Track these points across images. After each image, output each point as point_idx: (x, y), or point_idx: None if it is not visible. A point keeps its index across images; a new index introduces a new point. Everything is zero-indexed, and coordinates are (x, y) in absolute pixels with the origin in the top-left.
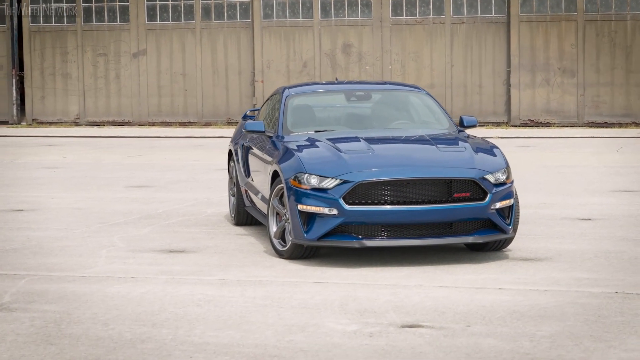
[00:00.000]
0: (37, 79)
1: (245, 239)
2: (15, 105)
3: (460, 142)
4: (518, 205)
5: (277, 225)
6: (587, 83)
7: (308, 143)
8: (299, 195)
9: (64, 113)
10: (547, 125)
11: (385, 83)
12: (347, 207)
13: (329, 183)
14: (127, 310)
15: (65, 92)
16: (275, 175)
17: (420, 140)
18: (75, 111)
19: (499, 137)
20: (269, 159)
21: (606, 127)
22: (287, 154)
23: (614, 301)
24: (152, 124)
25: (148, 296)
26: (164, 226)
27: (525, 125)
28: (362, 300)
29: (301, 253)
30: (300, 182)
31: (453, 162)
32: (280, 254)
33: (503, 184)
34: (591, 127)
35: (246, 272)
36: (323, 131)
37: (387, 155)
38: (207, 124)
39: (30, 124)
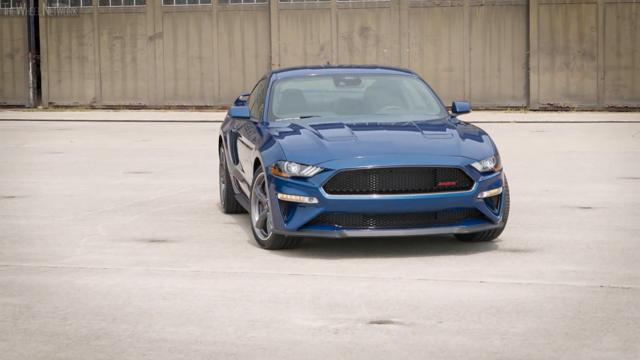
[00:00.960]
0: (54, 62)
1: (231, 228)
2: (31, 89)
3: (447, 129)
4: (508, 194)
5: (259, 214)
6: (608, 66)
7: (290, 129)
8: (279, 184)
9: (80, 97)
10: (567, 109)
11: (375, 67)
12: (327, 196)
13: (309, 171)
14: (91, 304)
15: (82, 76)
16: (257, 163)
17: (406, 126)
18: (91, 95)
19: (515, 122)
20: (253, 145)
21: (627, 111)
22: (269, 140)
23: (597, 296)
24: (169, 107)
25: (115, 289)
26: (153, 214)
27: (545, 109)
28: (335, 294)
29: (282, 243)
30: (280, 170)
31: (438, 150)
32: (261, 244)
33: (491, 172)
34: (611, 111)
35: (223, 263)
36: (309, 117)
37: (370, 142)
38: (224, 108)
39: (46, 108)
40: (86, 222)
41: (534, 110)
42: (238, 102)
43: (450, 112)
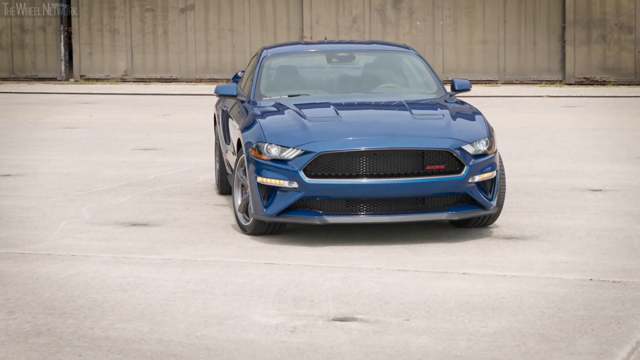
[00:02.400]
0: (85, 35)
1: (220, 211)
2: (63, 62)
3: (439, 109)
4: (504, 178)
5: (241, 198)
6: None
7: (274, 109)
8: (259, 167)
9: (112, 69)
10: (603, 83)
11: (372, 43)
12: (307, 180)
13: (289, 153)
14: (44, 295)
15: (113, 48)
16: (240, 144)
17: (395, 106)
18: (122, 67)
19: (548, 96)
20: (238, 125)
21: None
22: (251, 120)
23: (583, 291)
24: (200, 80)
25: (75, 279)
26: (145, 194)
27: (581, 83)
28: (304, 286)
29: (264, 229)
30: (260, 152)
31: (427, 131)
32: (243, 229)
33: (484, 154)
34: None
35: (198, 250)
36: (297, 96)
37: (354, 123)
38: None
39: (77, 81)
40: (74, 203)
41: (570, 84)
42: (236, 78)
43: (451, 89)
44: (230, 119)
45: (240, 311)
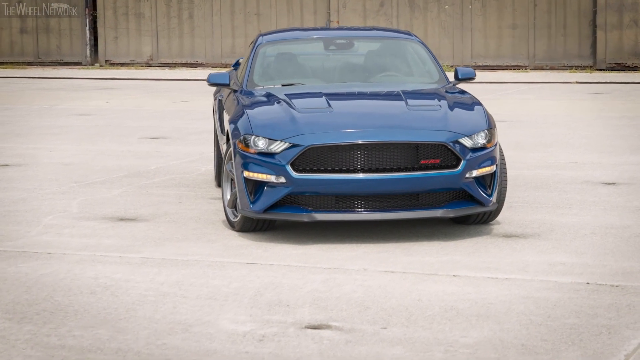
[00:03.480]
0: (110, 19)
1: (214, 205)
2: (88, 46)
3: (437, 99)
4: (505, 172)
5: (231, 192)
6: None
7: (264, 99)
8: (245, 160)
9: (137, 54)
10: (635, 69)
11: (373, 29)
12: (295, 175)
13: (276, 147)
14: (8, 298)
15: (138, 33)
16: (229, 136)
17: (391, 96)
18: (148, 52)
19: (577, 82)
20: (227, 116)
21: None
22: (239, 111)
23: (577, 296)
24: (225, 65)
25: (45, 279)
26: (141, 187)
27: (612, 69)
28: (283, 289)
29: (252, 225)
30: (247, 145)
31: (422, 123)
32: (232, 226)
33: (482, 148)
34: None
35: (181, 248)
36: (291, 85)
37: (346, 115)
38: None
39: (102, 66)
40: (65, 195)
41: (601, 70)
42: (237, 64)
43: (454, 78)
44: (224, 110)
45: (209, 317)
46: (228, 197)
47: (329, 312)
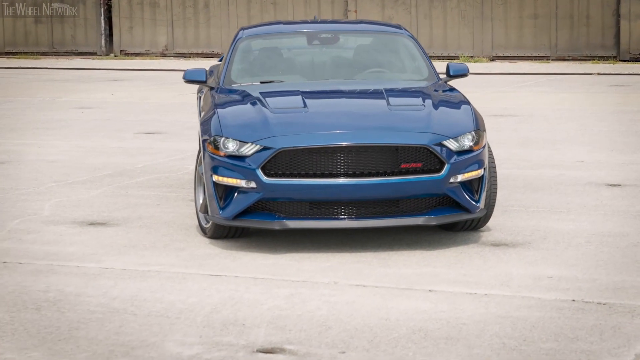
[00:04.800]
0: (125, 8)
1: (192, 209)
2: (103, 36)
3: (422, 98)
4: (494, 176)
5: (203, 196)
6: None
7: (237, 98)
8: (215, 164)
9: (152, 44)
10: None
11: (360, 22)
12: (266, 179)
13: (247, 149)
14: None
15: (153, 22)
16: (200, 137)
17: (372, 94)
18: (163, 42)
19: (598, 74)
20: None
21: None
22: (210, 111)
23: (560, 315)
24: None
25: None
26: (122, 187)
27: (636, 59)
28: (242, 305)
29: (225, 232)
30: (217, 147)
31: (403, 125)
32: (204, 232)
33: (469, 151)
34: None
35: (145, 257)
36: (270, 82)
37: (322, 115)
38: None
39: (117, 56)
40: (41, 196)
41: (624, 61)
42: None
43: (445, 75)
44: (201, 109)
45: (156, 338)
46: (200, 201)
47: (287, 333)
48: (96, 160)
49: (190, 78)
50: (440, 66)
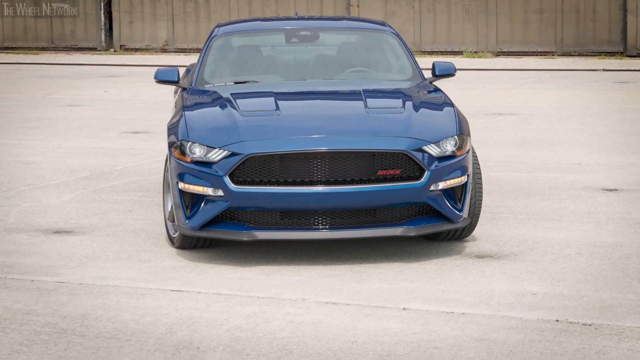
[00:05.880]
0: (125, 3)
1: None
2: (103, 31)
3: (402, 100)
4: (480, 183)
5: (171, 204)
6: None
7: (207, 100)
8: (181, 170)
9: (153, 39)
10: None
11: (342, 19)
12: (233, 187)
13: (214, 155)
14: None
15: (154, 17)
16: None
17: (350, 96)
18: (163, 37)
19: (604, 70)
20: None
21: None
22: (178, 114)
23: (541, 338)
24: None
25: None
26: (96, 191)
27: None
28: (200, 326)
29: (193, 242)
30: (183, 153)
31: (380, 128)
32: (171, 242)
33: (451, 156)
34: None
35: (105, 269)
36: (245, 83)
37: (294, 118)
38: None
39: (116, 51)
40: (9, 201)
41: (631, 57)
42: None
43: (431, 75)
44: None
45: None
46: (169, 209)
47: (243, 358)
48: (75, 161)
49: (161, 78)
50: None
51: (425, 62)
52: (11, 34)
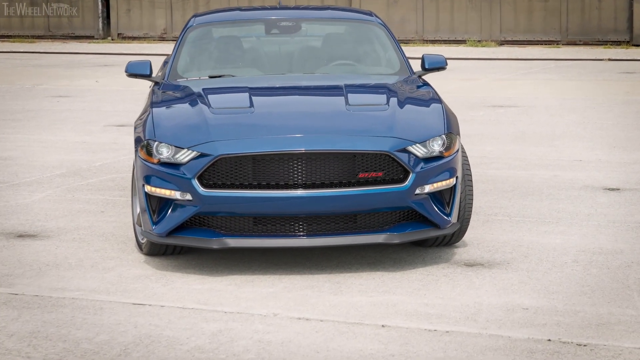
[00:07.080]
0: None
1: None
2: (100, 19)
3: (386, 95)
4: (470, 186)
5: (139, 208)
6: None
7: (178, 95)
8: (147, 172)
9: (151, 27)
10: None
11: (327, 8)
12: (202, 191)
13: (183, 156)
14: None
15: (152, 5)
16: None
17: (331, 91)
18: (161, 25)
19: (609, 59)
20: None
21: None
22: (145, 111)
23: None
24: None
25: None
26: (70, 189)
27: None
28: (159, 346)
29: (162, 249)
30: (149, 153)
31: (361, 127)
32: (140, 248)
33: (439, 157)
34: None
35: (64, 279)
36: (220, 77)
37: (268, 116)
38: None
39: (114, 40)
40: None
41: (637, 46)
42: None
43: (420, 68)
44: None
45: None
46: (137, 212)
47: None
48: (53, 157)
49: (132, 72)
50: (449, 52)
51: (428, 51)
52: (7, 22)
